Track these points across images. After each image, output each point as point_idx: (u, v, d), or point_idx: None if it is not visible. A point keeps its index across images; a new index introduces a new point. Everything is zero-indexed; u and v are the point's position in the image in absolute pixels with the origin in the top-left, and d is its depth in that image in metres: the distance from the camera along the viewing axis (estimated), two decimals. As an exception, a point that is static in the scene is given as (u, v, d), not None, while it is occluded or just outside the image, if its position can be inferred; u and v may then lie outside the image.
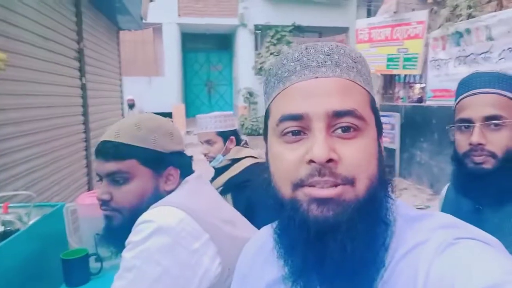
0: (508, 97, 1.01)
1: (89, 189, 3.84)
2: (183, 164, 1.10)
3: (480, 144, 1.01)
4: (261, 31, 11.72)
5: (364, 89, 0.58)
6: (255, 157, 2.07)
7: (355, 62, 0.58)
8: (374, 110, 0.59)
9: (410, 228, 0.57)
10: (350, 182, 0.52)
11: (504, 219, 1.02)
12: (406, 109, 6.43)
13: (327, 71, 0.56)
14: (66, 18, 3.44)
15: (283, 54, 0.62)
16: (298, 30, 11.74)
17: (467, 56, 4.54)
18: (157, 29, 11.41)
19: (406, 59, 6.12)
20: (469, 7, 4.26)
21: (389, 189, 0.59)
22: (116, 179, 1.00)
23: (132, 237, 0.91)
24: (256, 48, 11.75)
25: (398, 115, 6.09)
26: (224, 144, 2.05)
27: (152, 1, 6.17)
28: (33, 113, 2.68)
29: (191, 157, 1.16)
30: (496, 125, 1.00)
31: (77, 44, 3.70)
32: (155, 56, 11.88)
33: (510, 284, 0.43)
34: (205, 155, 2.06)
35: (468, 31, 4.40)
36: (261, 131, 10.72)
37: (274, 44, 11.30)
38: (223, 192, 1.97)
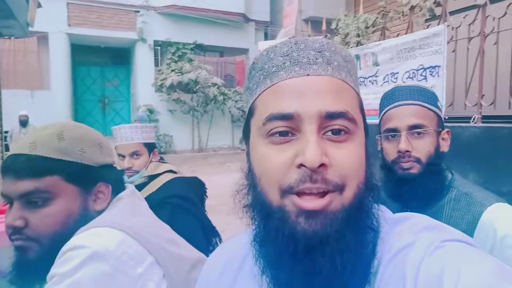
0: (428, 108, 1.13)
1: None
2: (114, 179, 0.96)
3: (407, 151, 1.10)
4: (161, 47, 11.46)
5: (354, 90, 0.57)
6: (175, 172, 1.95)
7: (345, 61, 0.57)
8: (362, 112, 0.58)
9: (393, 231, 0.57)
10: (340, 188, 0.50)
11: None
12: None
13: (319, 69, 0.53)
14: None
15: (269, 47, 0.57)
16: (200, 48, 11.80)
17: (357, 79, 5.08)
18: (42, 38, 10.29)
19: (304, 80, 6.58)
20: (358, 35, 4.79)
21: (375, 194, 0.58)
22: (32, 200, 0.82)
23: (58, 269, 0.74)
24: (156, 64, 11.43)
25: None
26: (149, 157, 1.89)
27: (40, 7, 5.58)
28: None
29: (122, 171, 1.03)
30: (419, 133, 1.11)
31: None
32: (40, 67, 10.66)
33: (497, 285, 0.44)
34: (128, 169, 1.85)
35: (357, 57, 4.92)
36: (163, 150, 10.36)
37: (175, 61, 11.15)
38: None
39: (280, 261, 0.51)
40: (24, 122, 8.04)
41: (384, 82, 4.54)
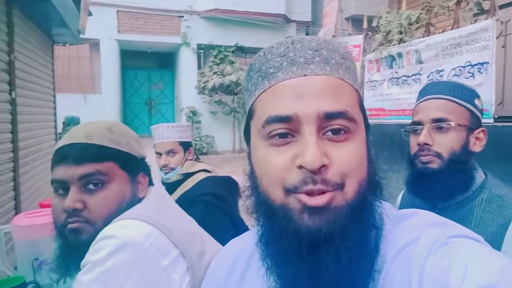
0: (457, 103, 1.08)
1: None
2: (149, 172, 1.04)
3: (427, 144, 1.07)
4: (204, 51, 11.73)
5: (353, 87, 0.56)
6: (209, 171, 2.00)
7: (343, 59, 0.56)
8: (363, 110, 0.58)
9: (398, 228, 0.56)
10: (340, 186, 0.50)
11: (459, 222, 1.06)
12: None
13: (316, 69, 0.53)
14: (-5, 27, 3.16)
15: (266, 48, 0.58)
16: (241, 50, 11.93)
17: (399, 78, 4.90)
18: (94, 44, 10.93)
19: (344, 80, 6.45)
20: (400, 32, 4.62)
21: (379, 191, 0.57)
22: (92, 182, 0.88)
23: (90, 256, 0.79)
24: (199, 67, 11.71)
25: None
26: (184, 155, 1.96)
27: (91, 15, 5.92)
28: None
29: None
30: (443, 127, 1.08)
31: (7, 55, 3.40)
32: (92, 72, 11.33)
33: (504, 282, 0.43)
34: (164, 166, 1.94)
35: (400, 54, 4.75)
36: (205, 150, 10.58)
37: (217, 64, 11.36)
38: None
39: (286, 260, 0.52)
40: (75, 125, 8.56)
41: (429, 80, 4.35)
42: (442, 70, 4.11)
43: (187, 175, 1.94)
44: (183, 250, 0.87)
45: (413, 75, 4.60)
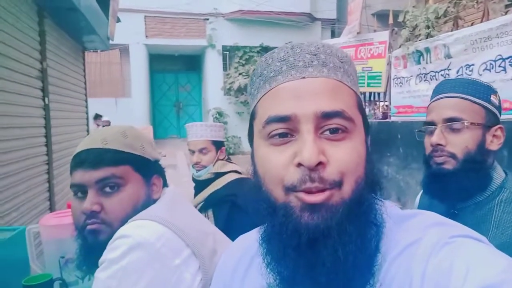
0: (472, 101, 1.05)
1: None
2: (163, 174, 1.07)
3: (440, 144, 1.05)
4: (229, 52, 11.84)
5: (351, 89, 0.57)
6: (239, 172, 2.04)
7: (342, 62, 0.57)
8: (362, 111, 0.59)
9: (400, 228, 0.56)
10: (338, 185, 0.51)
11: (478, 223, 1.04)
12: (372, 125, 6.61)
13: (314, 71, 0.54)
14: (29, 37, 3.32)
15: (268, 54, 0.60)
16: (266, 50, 11.95)
17: (427, 74, 4.76)
18: (124, 50, 11.28)
19: (370, 77, 6.34)
20: (428, 27, 4.49)
21: (378, 190, 0.58)
22: (108, 185, 0.93)
23: (107, 255, 0.83)
24: (225, 69, 11.83)
25: (365, 132, 6.24)
26: (216, 154, 2.01)
27: (119, 22, 6.12)
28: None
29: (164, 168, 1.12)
30: (456, 127, 1.05)
31: (40, 63, 3.57)
32: (122, 77, 11.70)
33: (507, 283, 0.43)
34: (196, 164, 2.00)
35: (427, 50, 4.63)
36: (232, 151, 10.68)
37: (243, 65, 11.44)
38: (204, 207, 1.91)
39: (284, 255, 0.53)
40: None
41: (458, 76, 4.20)
42: (472, 65, 3.97)
43: (218, 175, 1.99)
44: (194, 249, 0.90)
45: (441, 70, 4.46)
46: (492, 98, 1.07)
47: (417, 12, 4.67)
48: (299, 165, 0.50)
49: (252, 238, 0.70)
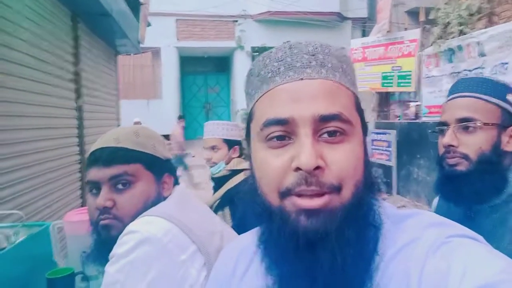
0: (486, 100, 1.01)
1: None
2: (175, 172, 1.10)
3: (452, 145, 1.01)
4: (258, 53, 11.89)
5: (350, 90, 0.56)
6: None
7: (340, 62, 0.57)
8: (360, 111, 0.58)
9: (397, 228, 0.56)
10: (336, 189, 0.51)
11: (495, 226, 1.00)
12: (402, 126, 6.44)
13: (312, 73, 0.54)
14: (64, 41, 3.49)
15: (265, 53, 0.59)
16: (294, 51, 11.91)
17: (460, 72, 4.59)
18: (155, 52, 11.58)
19: (400, 77, 6.18)
20: (460, 24, 4.33)
21: (376, 191, 0.57)
22: (120, 182, 0.97)
23: (116, 249, 0.87)
24: (253, 70, 11.89)
25: (394, 132, 6.11)
26: (228, 152, 2.05)
27: (150, 26, 6.30)
28: (24, 135, 2.67)
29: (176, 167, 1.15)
30: (468, 127, 1.01)
31: (74, 67, 3.74)
32: (154, 79, 12.02)
33: (504, 283, 0.43)
34: (208, 160, 2.06)
35: (460, 47, 4.46)
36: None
37: (271, 66, 11.44)
38: (221, 205, 1.94)
39: (283, 258, 0.53)
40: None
41: (493, 74, 4.02)
42: (507, 63, 3.79)
43: (234, 172, 2.03)
44: (200, 246, 0.92)
45: (475, 69, 4.29)
46: (509, 97, 1.02)
47: (449, 9, 4.51)
48: (297, 169, 0.50)
49: (250, 239, 0.70)
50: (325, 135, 0.52)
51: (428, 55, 5.47)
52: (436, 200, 1.31)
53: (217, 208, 1.92)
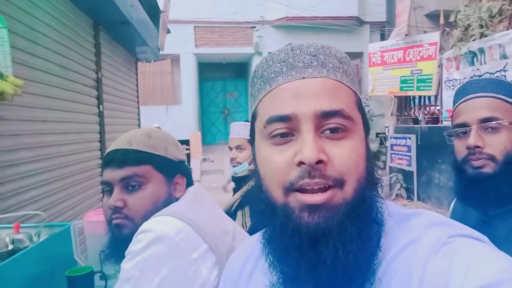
0: (504, 100, 1.00)
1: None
2: (188, 174, 1.12)
3: (478, 146, 0.99)
4: (275, 59, 11.93)
5: (351, 89, 0.58)
6: None
7: (341, 63, 0.58)
8: (361, 110, 0.59)
9: (401, 227, 0.56)
10: (339, 183, 0.51)
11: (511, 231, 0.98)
12: (422, 130, 6.33)
13: (314, 72, 0.55)
14: (85, 49, 3.60)
15: (268, 55, 0.61)
16: (312, 56, 11.89)
17: (481, 75, 4.48)
18: (174, 59, 11.77)
19: (420, 80, 6.08)
20: (481, 26, 4.24)
21: (378, 189, 0.58)
22: (131, 184, 1.00)
23: (132, 247, 0.90)
24: (271, 76, 11.92)
25: (414, 137, 6.00)
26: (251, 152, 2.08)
27: (169, 33, 6.42)
28: (48, 139, 2.77)
29: (190, 168, 1.18)
30: (493, 127, 0.99)
31: (95, 73, 3.85)
32: (173, 85, 12.21)
33: (506, 282, 0.42)
34: (232, 160, 2.09)
35: (481, 50, 4.36)
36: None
37: (289, 71, 11.45)
38: (241, 204, 1.95)
39: (286, 255, 0.54)
40: None
41: (516, 77, 3.92)
42: (531, 65, 3.69)
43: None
44: (211, 245, 0.93)
45: (497, 71, 4.18)
46: None
47: (469, 11, 4.43)
48: (300, 164, 0.51)
49: (258, 239, 0.70)
50: (327, 132, 0.53)
51: (448, 58, 5.37)
52: (453, 204, 1.29)
53: (237, 207, 1.94)
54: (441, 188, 5.99)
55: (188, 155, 9.89)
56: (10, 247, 1.30)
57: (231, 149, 2.14)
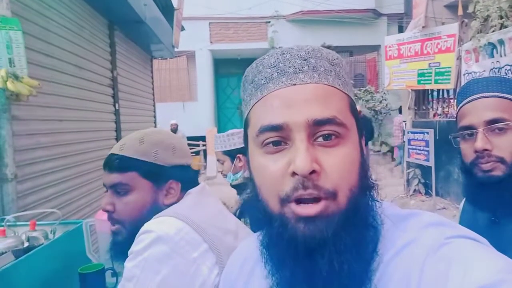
0: (509, 99, 0.96)
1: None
2: (185, 178, 1.11)
3: (486, 150, 0.96)
4: (291, 53, 11.86)
5: (343, 92, 0.57)
6: None
7: (332, 65, 0.57)
8: (354, 113, 0.58)
9: (397, 228, 0.56)
10: (332, 195, 0.51)
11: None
12: (440, 125, 6.19)
13: (305, 77, 0.54)
14: (101, 48, 3.67)
15: (258, 60, 0.60)
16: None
17: (501, 68, 4.35)
18: (190, 56, 11.84)
19: (438, 73, 5.94)
20: (501, 17, 4.11)
21: (374, 192, 0.57)
22: (118, 190, 1.03)
23: (134, 247, 0.93)
24: (286, 70, 11.87)
25: (432, 132, 5.87)
26: (232, 162, 2.06)
27: (183, 30, 6.46)
28: (64, 138, 2.84)
29: (196, 171, 1.18)
30: (500, 128, 0.96)
31: (111, 72, 3.92)
32: (189, 82, 12.30)
33: (504, 282, 0.42)
34: (221, 172, 2.11)
35: (501, 41, 4.23)
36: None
37: (304, 65, 11.38)
38: (241, 213, 1.96)
39: (283, 264, 0.55)
40: (174, 130, 9.34)
41: (538, 69, 3.79)
42: (553, 56, 3.55)
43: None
44: (211, 244, 0.95)
45: (518, 63, 4.05)
46: None
47: (488, 1, 4.29)
48: (294, 174, 0.51)
49: (255, 242, 0.70)
50: (320, 139, 0.52)
51: (467, 50, 5.23)
52: (463, 202, 1.26)
53: (238, 217, 1.95)
54: (460, 184, 5.84)
55: (205, 151, 9.96)
56: (26, 244, 1.35)
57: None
